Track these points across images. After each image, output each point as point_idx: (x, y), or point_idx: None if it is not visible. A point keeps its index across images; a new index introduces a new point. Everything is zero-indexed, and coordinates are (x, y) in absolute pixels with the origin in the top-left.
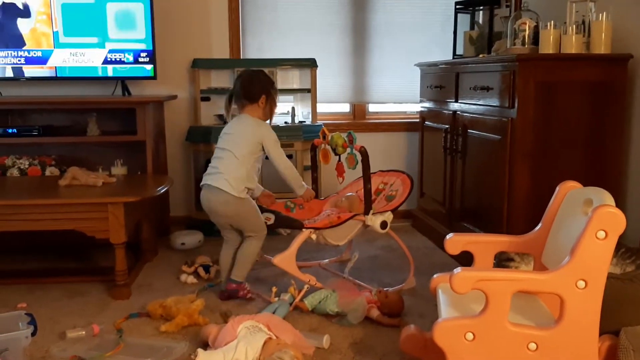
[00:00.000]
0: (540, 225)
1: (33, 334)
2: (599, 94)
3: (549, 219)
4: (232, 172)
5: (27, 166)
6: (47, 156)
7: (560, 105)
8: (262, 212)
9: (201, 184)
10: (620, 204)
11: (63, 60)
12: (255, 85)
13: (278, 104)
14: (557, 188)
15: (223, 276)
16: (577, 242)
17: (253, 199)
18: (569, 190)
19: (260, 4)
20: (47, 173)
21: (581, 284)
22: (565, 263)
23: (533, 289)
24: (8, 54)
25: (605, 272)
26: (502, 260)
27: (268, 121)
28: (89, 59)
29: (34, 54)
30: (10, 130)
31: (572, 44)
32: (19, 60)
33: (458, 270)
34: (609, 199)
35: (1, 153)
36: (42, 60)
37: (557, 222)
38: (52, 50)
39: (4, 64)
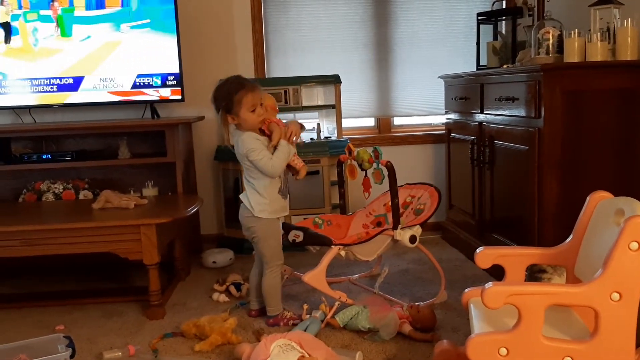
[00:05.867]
0: (571, 236)
1: (72, 357)
2: (628, 101)
3: (580, 230)
4: (249, 192)
5: (61, 190)
6: (81, 180)
7: (588, 113)
8: (290, 230)
9: None
10: None
11: (94, 85)
12: (216, 104)
13: (248, 103)
14: (588, 198)
15: (250, 295)
16: (609, 254)
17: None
18: (599, 201)
19: (283, 23)
20: (81, 196)
21: (615, 296)
22: (598, 275)
23: (566, 302)
24: (41, 81)
25: None
26: (535, 272)
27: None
28: (118, 84)
29: (66, 81)
30: (44, 156)
31: (598, 52)
32: (52, 88)
33: (490, 285)
34: None
35: (36, 178)
36: (73, 87)
37: (589, 233)
38: (83, 77)
39: (38, 91)
